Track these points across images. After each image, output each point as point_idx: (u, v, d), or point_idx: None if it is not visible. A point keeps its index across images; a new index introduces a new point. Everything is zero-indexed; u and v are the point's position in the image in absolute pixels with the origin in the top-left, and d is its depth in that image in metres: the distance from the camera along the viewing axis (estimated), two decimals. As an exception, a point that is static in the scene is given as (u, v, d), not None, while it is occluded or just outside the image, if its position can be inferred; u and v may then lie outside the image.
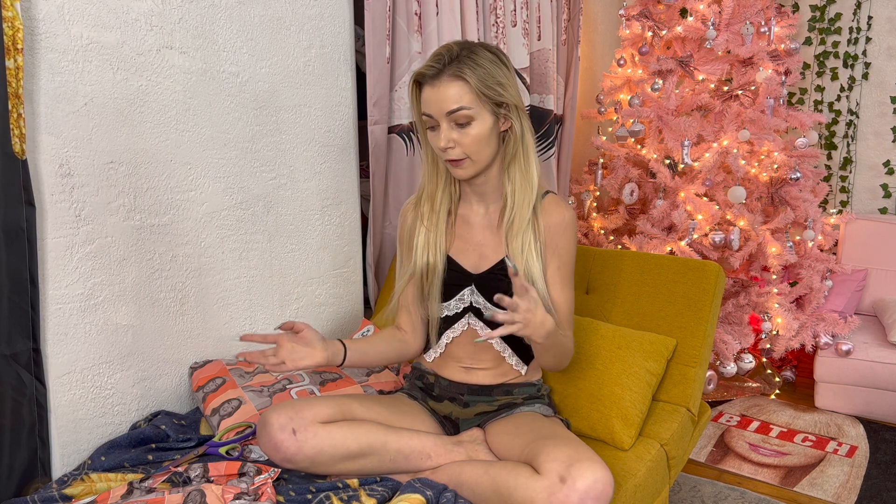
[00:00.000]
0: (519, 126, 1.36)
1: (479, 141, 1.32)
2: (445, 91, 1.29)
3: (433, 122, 1.33)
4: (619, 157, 2.92)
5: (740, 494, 2.11)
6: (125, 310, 1.48)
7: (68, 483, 1.27)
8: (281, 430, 1.25)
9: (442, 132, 1.31)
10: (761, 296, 2.76)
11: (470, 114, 1.30)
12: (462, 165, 1.34)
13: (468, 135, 1.31)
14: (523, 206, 1.37)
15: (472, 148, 1.32)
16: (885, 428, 2.56)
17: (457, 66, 1.29)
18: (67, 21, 1.33)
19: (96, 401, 1.45)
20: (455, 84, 1.29)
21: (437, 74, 1.30)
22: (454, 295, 1.44)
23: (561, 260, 1.41)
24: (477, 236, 1.45)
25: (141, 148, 1.48)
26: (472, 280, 1.43)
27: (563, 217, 1.41)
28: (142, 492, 1.17)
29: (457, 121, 1.30)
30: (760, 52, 2.74)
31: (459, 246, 1.45)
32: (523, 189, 1.37)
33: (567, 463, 1.12)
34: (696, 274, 1.72)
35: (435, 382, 1.49)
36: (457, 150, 1.32)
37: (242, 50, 1.67)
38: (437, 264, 1.44)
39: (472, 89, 1.29)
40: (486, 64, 1.31)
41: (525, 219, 1.37)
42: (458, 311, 1.44)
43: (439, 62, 1.30)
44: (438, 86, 1.29)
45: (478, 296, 1.43)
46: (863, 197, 3.34)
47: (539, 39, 2.58)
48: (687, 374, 1.69)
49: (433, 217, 1.45)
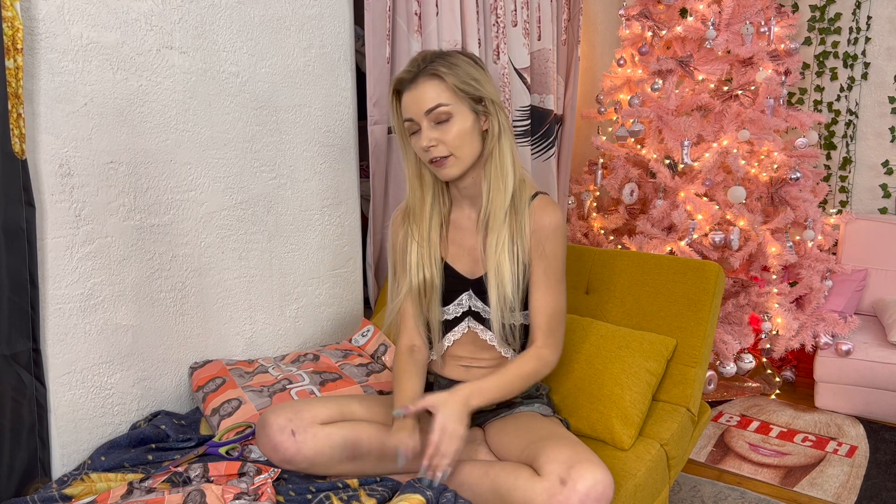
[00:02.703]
0: (496, 123, 1.36)
1: (462, 137, 1.33)
2: (423, 91, 1.31)
3: (415, 126, 1.34)
4: (619, 157, 2.92)
5: (740, 494, 2.11)
6: (125, 310, 1.48)
7: (68, 483, 1.27)
8: (280, 432, 1.25)
9: (423, 132, 1.32)
10: (761, 296, 2.76)
11: (448, 110, 1.31)
12: (447, 164, 1.34)
13: (449, 132, 1.32)
14: (496, 204, 1.36)
15: (454, 144, 1.32)
16: (885, 428, 2.56)
17: (432, 66, 1.31)
18: (67, 21, 1.32)
19: (96, 401, 1.45)
20: (431, 82, 1.31)
21: (414, 77, 1.32)
22: (453, 300, 1.44)
23: (548, 262, 1.39)
24: (469, 240, 1.44)
25: (141, 148, 1.48)
26: (469, 285, 1.43)
27: (552, 220, 1.39)
28: (142, 492, 1.17)
29: (437, 119, 1.31)
30: (760, 52, 2.74)
31: (455, 252, 1.45)
32: (497, 188, 1.37)
33: (567, 465, 1.12)
34: (696, 274, 1.72)
35: (434, 382, 1.49)
36: (440, 147, 1.32)
37: (242, 50, 1.66)
38: (434, 279, 1.42)
39: (448, 86, 1.31)
40: (462, 63, 1.33)
41: (499, 217, 1.36)
42: (458, 316, 1.44)
43: (415, 66, 1.33)
44: (416, 87, 1.32)
45: (476, 300, 1.42)
46: (862, 197, 3.34)
47: (539, 39, 2.58)
48: (687, 374, 1.69)
49: (423, 231, 1.44)
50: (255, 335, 1.79)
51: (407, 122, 1.35)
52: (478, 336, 1.44)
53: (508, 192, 1.36)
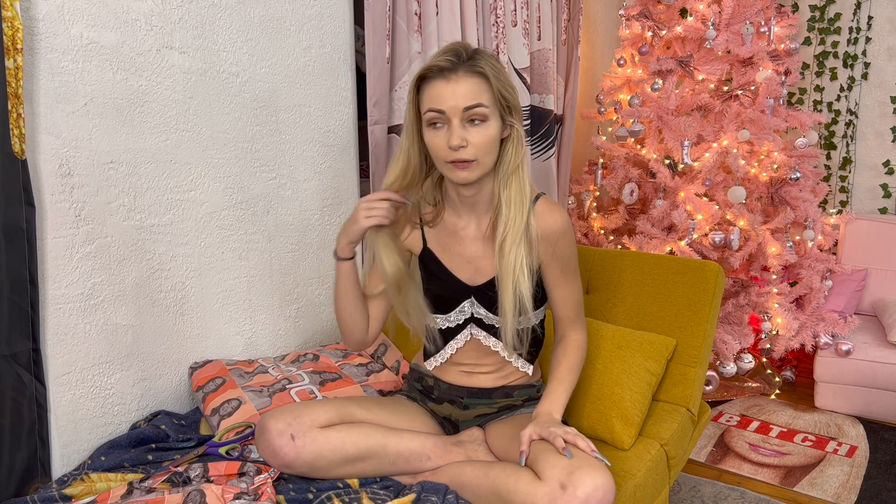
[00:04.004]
0: (519, 136, 1.31)
1: (490, 143, 1.26)
2: (465, 86, 1.22)
3: (441, 119, 1.24)
4: (619, 157, 2.92)
5: (740, 494, 2.11)
6: (125, 310, 1.48)
7: (68, 483, 1.27)
8: (279, 436, 1.25)
9: (454, 129, 1.22)
10: (761, 296, 2.76)
11: (486, 112, 1.23)
12: (470, 167, 1.25)
13: (481, 135, 1.24)
14: (517, 221, 1.30)
15: (482, 150, 1.24)
16: (885, 428, 2.56)
17: (477, 62, 1.23)
18: (67, 21, 1.32)
19: (96, 401, 1.45)
20: (474, 80, 1.23)
21: (454, 68, 1.22)
22: (454, 308, 1.41)
23: (563, 263, 1.37)
24: (469, 249, 1.39)
25: (141, 148, 1.48)
26: (470, 293, 1.40)
27: (559, 223, 1.35)
28: (142, 492, 1.17)
29: (472, 118, 1.23)
30: (760, 52, 2.74)
31: (454, 261, 1.41)
32: (519, 202, 1.30)
33: (568, 470, 1.12)
34: (696, 274, 1.72)
35: (434, 385, 1.48)
36: (469, 149, 1.23)
37: (242, 50, 1.66)
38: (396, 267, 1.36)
39: (490, 88, 1.24)
40: (501, 68, 1.28)
41: (519, 233, 1.29)
42: (460, 323, 1.43)
43: (457, 56, 1.23)
44: (457, 80, 1.22)
45: (478, 307, 1.40)
46: (863, 197, 3.34)
47: (539, 39, 2.58)
48: (687, 374, 1.69)
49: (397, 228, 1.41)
50: (254, 335, 1.79)
51: (432, 112, 1.24)
52: (481, 343, 1.42)
53: (527, 206, 1.30)
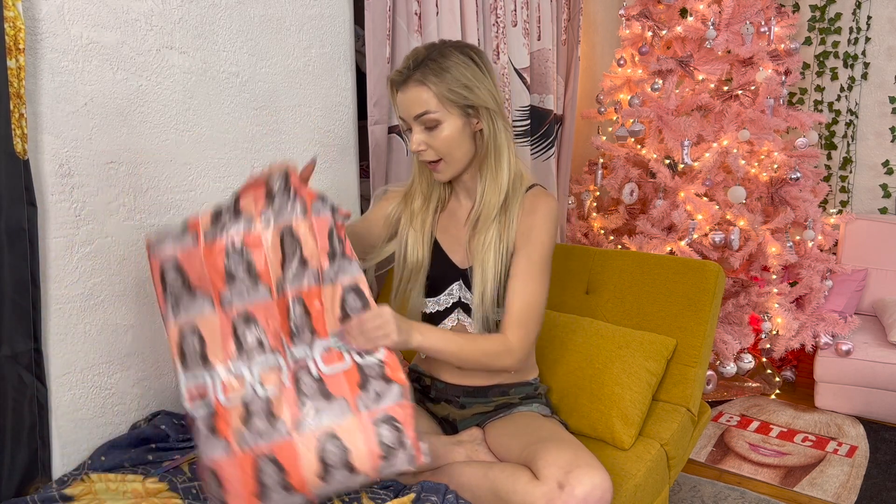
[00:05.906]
0: (489, 128, 1.35)
1: (450, 142, 1.33)
2: (410, 96, 1.31)
3: (406, 125, 1.36)
4: (619, 157, 2.92)
5: (740, 494, 2.11)
6: (125, 310, 1.48)
7: (68, 483, 1.27)
8: None
9: (414, 135, 1.34)
10: (761, 296, 2.76)
11: (435, 117, 1.31)
12: (438, 168, 1.37)
13: (437, 137, 1.32)
14: (489, 206, 1.37)
15: (443, 150, 1.34)
16: (885, 428, 2.56)
17: (421, 72, 1.30)
18: (67, 21, 1.33)
19: (96, 401, 1.45)
20: (418, 90, 1.30)
21: (405, 80, 1.32)
22: (443, 290, 1.44)
23: (532, 249, 1.35)
24: (460, 231, 1.46)
25: (141, 148, 1.49)
26: (459, 275, 1.43)
27: (542, 207, 1.38)
28: (230, 214, 1.21)
29: (425, 124, 1.32)
30: (760, 52, 2.74)
31: (449, 241, 1.46)
32: (491, 189, 1.37)
33: (566, 469, 1.12)
34: (696, 274, 1.72)
35: (431, 385, 1.49)
36: (429, 152, 1.34)
37: (242, 50, 1.67)
38: (424, 261, 1.44)
39: (434, 94, 1.30)
40: (454, 67, 1.30)
41: (489, 217, 1.36)
42: (448, 307, 1.44)
43: (406, 68, 1.32)
44: (405, 91, 1.32)
45: (465, 290, 1.42)
46: (863, 197, 3.34)
47: (539, 39, 2.58)
48: (687, 374, 1.69)
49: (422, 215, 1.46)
50: (255, 335, 1.79)
51: (399, 119, 1.38)
52: (466, 329, 1.43)
53: (502, 194, 1.37)
